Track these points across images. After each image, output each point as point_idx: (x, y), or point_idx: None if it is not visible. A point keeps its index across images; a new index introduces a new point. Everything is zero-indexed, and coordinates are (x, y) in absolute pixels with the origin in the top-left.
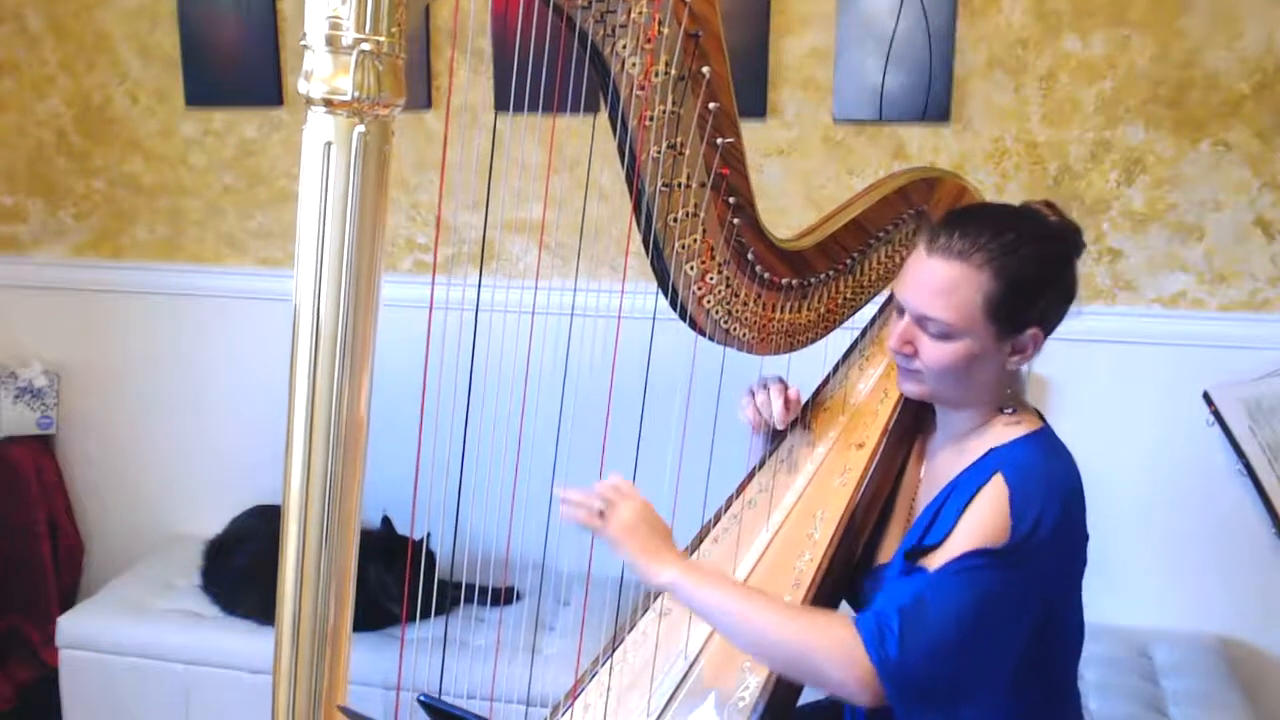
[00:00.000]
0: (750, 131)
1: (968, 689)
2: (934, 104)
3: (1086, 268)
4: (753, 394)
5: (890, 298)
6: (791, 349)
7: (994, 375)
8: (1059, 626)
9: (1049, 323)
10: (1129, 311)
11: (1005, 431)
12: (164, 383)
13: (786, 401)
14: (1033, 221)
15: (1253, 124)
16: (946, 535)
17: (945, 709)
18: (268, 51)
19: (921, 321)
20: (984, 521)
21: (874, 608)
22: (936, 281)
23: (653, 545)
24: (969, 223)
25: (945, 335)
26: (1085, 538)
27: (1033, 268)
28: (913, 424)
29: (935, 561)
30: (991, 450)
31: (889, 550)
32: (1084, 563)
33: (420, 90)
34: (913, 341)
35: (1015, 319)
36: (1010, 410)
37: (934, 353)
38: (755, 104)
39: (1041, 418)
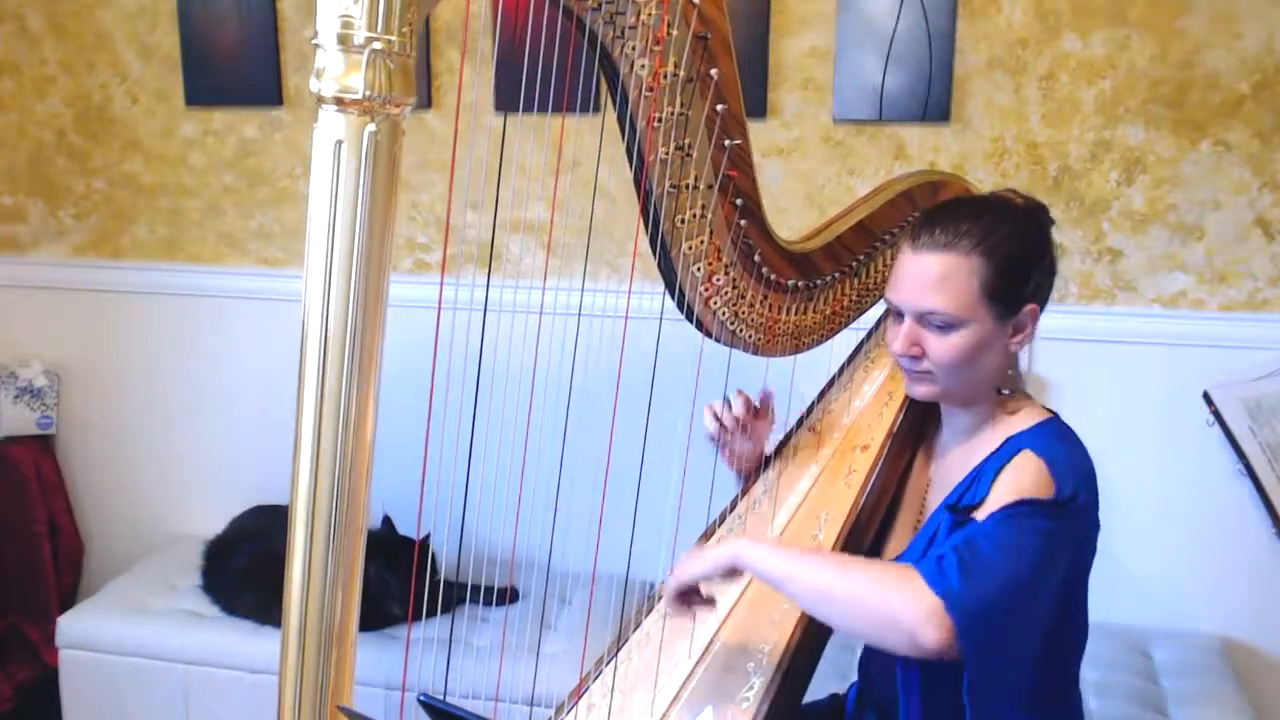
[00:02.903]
0: (750, 131)
1: (1027, 632)
2: (934, 104)
3: (1086, 267)
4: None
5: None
6: (797, 350)
7: (1000, 361)
8: (1065, 623)
9: (1042, 297)
10: (1129, 311)
11: (1021, 418)
12: (164, 383)
13: (747, 404)
14: (1003, 204)
15: (1253, 124)
16: (986, 494)
17: (1007, 656)
18: (268, 51)
19: (923, 318)
20: (1024, 480)
21: (928, 554)
22: (930, 275)
23: (708, 547)
24: (947, 215)
25: (949, 326)
26: (1098, 527)
27: (1017, 244)
28: (918, 425)
29: (981, 514)
30: (1010, 438)
31: (896, 554)
32: (1094, 552)
33: (420, 90)
34: (919, 342)
35: (1012, 297)
36: (1008, 392)
37: (940, 347)
38: (755, 104)
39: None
